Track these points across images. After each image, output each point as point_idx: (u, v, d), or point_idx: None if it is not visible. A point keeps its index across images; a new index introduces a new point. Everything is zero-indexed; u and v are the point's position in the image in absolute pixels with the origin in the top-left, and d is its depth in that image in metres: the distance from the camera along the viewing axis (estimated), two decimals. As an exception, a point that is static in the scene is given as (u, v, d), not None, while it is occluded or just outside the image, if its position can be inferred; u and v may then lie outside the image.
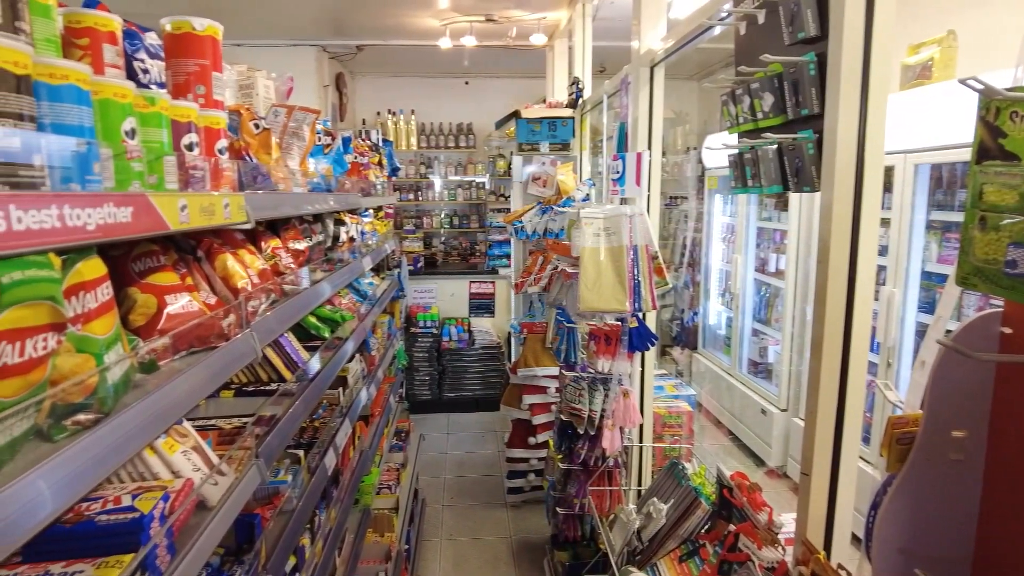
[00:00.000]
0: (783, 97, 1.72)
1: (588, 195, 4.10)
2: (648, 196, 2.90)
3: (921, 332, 3.68)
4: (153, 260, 1.21)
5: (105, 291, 0.97)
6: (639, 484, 3.13)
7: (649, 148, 2.95)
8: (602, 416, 2.78)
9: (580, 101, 4.86)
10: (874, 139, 1.48)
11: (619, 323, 2.72)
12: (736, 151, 2.04)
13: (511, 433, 4.67)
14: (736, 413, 5.65)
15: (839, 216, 1.52)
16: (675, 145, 7.68)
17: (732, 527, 2.00)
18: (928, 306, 3.66)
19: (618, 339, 2.70)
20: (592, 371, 2.82)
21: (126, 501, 1.05)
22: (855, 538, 1.64)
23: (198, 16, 1.40)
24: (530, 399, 4.41)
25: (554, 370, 4.22)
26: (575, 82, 4.91)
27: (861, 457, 3.78)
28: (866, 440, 3.89)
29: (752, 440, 5.32)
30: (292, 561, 1.83)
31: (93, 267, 0.95)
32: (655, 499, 2.45)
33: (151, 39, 1.26)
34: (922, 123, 3.36)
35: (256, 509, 1.66)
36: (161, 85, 1.26)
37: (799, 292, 4.85)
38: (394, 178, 5.44)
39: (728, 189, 6.04)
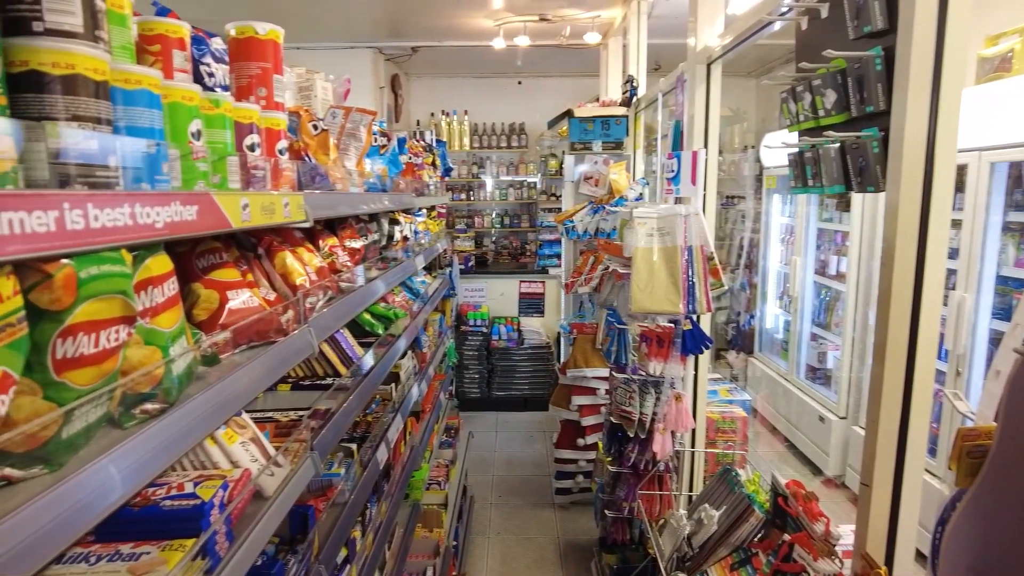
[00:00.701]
0: (846, 94, 1.66)
1: (641, 194, 4.05)
2: (704, 195, 2.85)
3: (995, 340, 3.48)
4: (216, 257, 1.26)
5: (171, 286, 1.02)
6: (690, 489, 3.07)
7: (705, 146, 2.89)
8: (653, 419, 2.74)
9: (634, 99, 4.80)
10: (945, 136, 1.41)
11: (672, 325, 2.68)
12: (796, 150, 1.98)
13: (560, 433, 4.66)
14: (792, 420, 5.48)
15: (906, 217, 1.45)
16: (732, 143, 7.52)
17: (787, 537, 1.94)
18: (1003, 312, 3.46)
19: (671, 341, 2.66)
20: (643, 373, 2.78)
21: (188, 488, 1.10)
22: (920, 555, 1.57)
23: (260, 21, 1.45)
24: (579, 400, 4.39)
25: (604, 371, 4.19)
26: (629, 80, 4.86)
27: (927, 470, 3.61)
28: (932, 452, 3.71)
29: (809, 448, 5.15)
30: (343, 553, 1.87)
31: (161, 263, 0.99)
32: (707, 505, 2.41)
33: (216, 44, 1.31)
34: (1000, 119, 3.18)
35: (310, 500, 1.71)
36: (225, 88, 1.31)
37: (861, 296, 4.67)
38: (447, 178, 5.51)
39: (787, 189, 5.85)
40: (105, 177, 0.83)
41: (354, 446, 2.08)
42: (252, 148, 1.37)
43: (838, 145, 1.70)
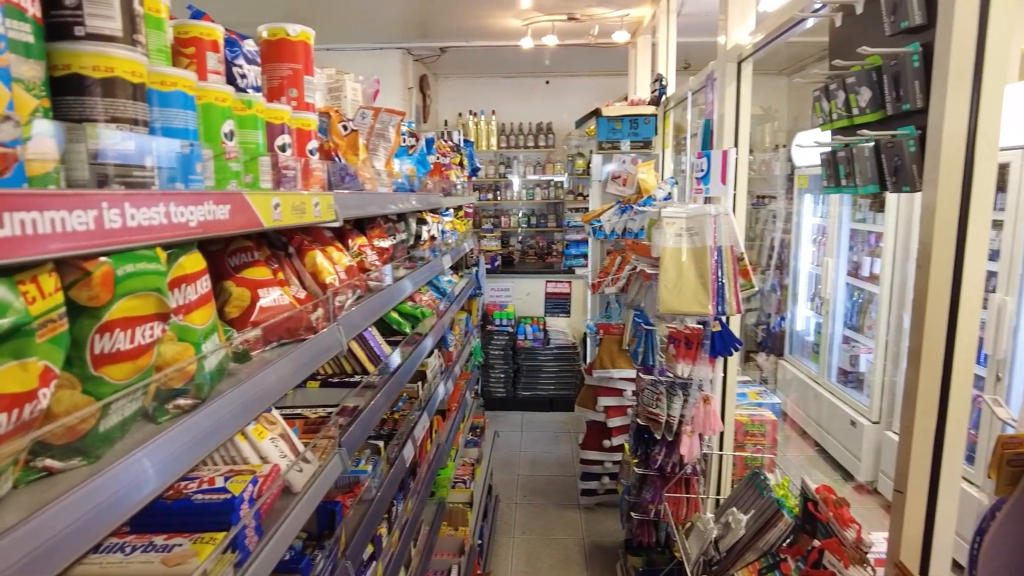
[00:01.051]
0: (882, 91, 1.62)
1: (670, 194, 4.01)
2: (734, 195, 2.81)
3: (1037, 344, 3.38)
4: (248, 255, 1.28)
5: (204, 284, 1.04)
6: (718, 493, 3.04)
7: (736, 146, 2.85)
8: (681, 422, 2.72)
9: (663, 98, 4.76)
10: (986, 134, 1.37)
11: (700, 326, 2.65)
12: (829, 149, 1.94)
13: (585, 435, 4.64)
14: (823, 424, 5.38)
15: (943, 218, 1.41)
16: (763, 143, 7.41)
17: (817, 543, 1.91)
18: (1046, 317, 3.36)
19: (699, 343, 2.63)
20: (671, 375, 2.75)
21: (219, 482, 1.12)
22: (956, 565, 1.53)
23: (291, 23, 1.47)
24: (605, 401, 4.36)
25: (631, 373, 4.16)
26: (658, 79, 4.82)
27: (964, 478, 3.52)
28: (970, 459, 3.61)
29: (840, 453, 5.05)
30: (370, 549, 1.89)
31: (194, 261, 1.01)
32: (734, 509, 2.37)
33: (249, 46, 1.33)
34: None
35: (337, 497, 1.73)
36: (257, 89, 1.33)
37: (895, 298, 4.56)
38: (474, 178, 5.53)
39: (819, 189, 5.75)
40: (141, 177, 0.85)
41: (381, 443, 2.09)
42: (283, 148, 1.39)
43: (872, 144, 1.67)
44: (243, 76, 1.29)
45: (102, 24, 0.82)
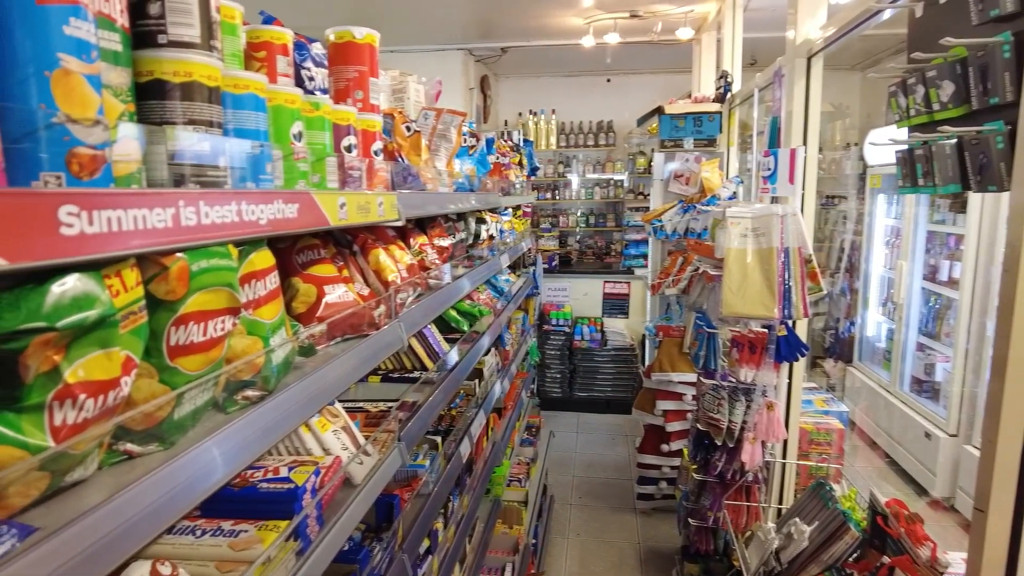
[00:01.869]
0: (966, 85, 1.53)
1: (735, 193, 3.90)
2: (802, 195, 2.71)
3: None
4: (314, 253, 1.32)
5: (273, 280, 1.07)
6: (780, 502, 2.94)
7: (804, 144, 2.75)
8: (742, 428, 2.64)
9: (728, 95, 4.64)
10: (1084, 130, 1.28)
11: (765, 330, 2.57)
12: (905, 147, 1.84)
13: (643, 438, 4.58)
14: (895, 435, 5.13)
15: (1034, 219, 1.32)
16: (833, 141, 7.12)
17: (886, 559, 1.82)
18: None
19: (764, 347, 2.55)
20: (733, 380, 2.68)
21: (283, 472, 1.16)
22: (1042, 589, 1.43)
23: (357, 25, 1.50)
24: (664, 405, 4.29)
25: (691, 376, 4.07)
26: (723, 76, 4.70)
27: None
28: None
29: (913, 466, 4.81)
30: (426, 543, 1.92)
31: (264, 258, 1.05)
32: (797, 519, 2.29)
33: (316, 49, 1.37)
34: None
35: (395, 490, 1.76)
36: (324, 91, 1.37)
37: (977, 304, 4.31)
38: (532, 177, 5.53)
39: (894, 188, 5.49)
40: (215, 177, 0.89)
41: (439, 439, 2.12)
42: (349, 149, 1.43)
43: (955, 141, 1.57)
44: (311, 79, 1.33)
45: (182, 32, 0.86)
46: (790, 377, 2.85)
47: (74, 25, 0.66)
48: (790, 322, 2.57)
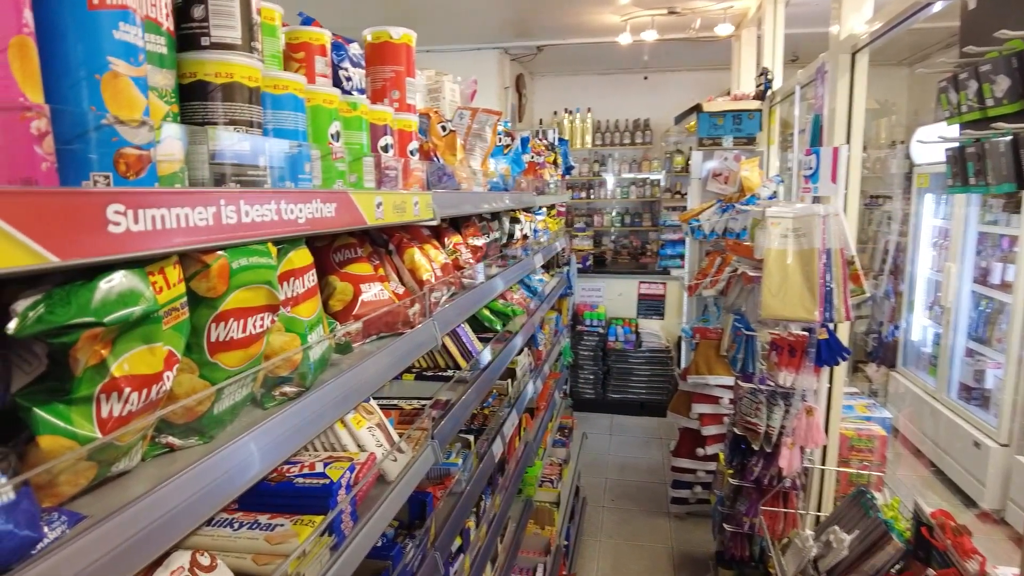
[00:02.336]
0: (1023, 79, 1.47)
1: (775, 193, 3.83)
2: (845, 194, 2.64)
3: None
4: (351, 252, 1.34)
5: (311, 278, 1.09)
6: (818, 509, 2.88)
7: (848, 142, 2.68)
8: (781, 433, 2.59)
9: (769, 92, 4.56)
10: None
11: (806, 333, 2.51)
12: (956, 145, 1.78)
13: (678, 442, 4.52)
14: (941, 443, 4.97)
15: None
16: (878, 139, 6.92)
17: (931, 572, 1.77)
18: None
19: (804, 351, 2.49)
20: (772, 384, 2.63)
21: (319, 468, 1.18)
22: (1099, 608, 1.37)
23: (393, 25, 1.52)
24: (700, 408, 4.23)
25: (728, 379, 4.00)
26: (763, 73, 4.61)
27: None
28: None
29: (960, 476, 4.65)
30: (458, 542, 1.93)
31: (302, 256, 1.06)
32: (837, 528, 2.24)
33: (354, 49, 1.39)
34: None
35: (428, 488, 1.77)
36: (361, 91, 1.39)
37: (1032, 309, 4.14)
38: (567, 176, 5.50)
39: (942, 188, 5.32)
40: (255, 176, 0.91)
41: (471, 438, 2.13)
42: (386, 149, 1.44)
43: (1010, 138, 1.52)
44: (348, 79, 1.34)
45: (224, 34, 0.88)
46: (830, 381, 2.78)
47: (123, 29, 0.68)
48: (831, 325, 2.51)
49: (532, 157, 3.54)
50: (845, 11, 2.70)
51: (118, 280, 0.63)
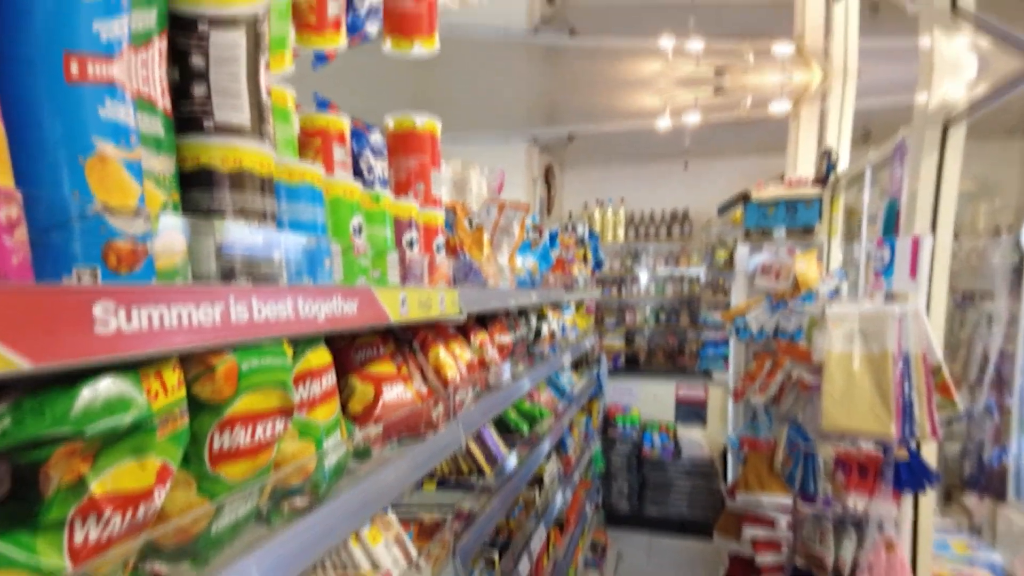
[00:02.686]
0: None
1: (837, 289, 3.74)
2: (928, 291, 2.47)
3: None
4: (374, 350, 1.32)
5: (329, 379, 1.06)
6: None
7: (933, 231, 2.52)
8: (854, 569, 2.39)
9: (832, 176, 4.39)
10: None
11: (880, 451, 2.36)
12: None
13: (727, 571, 4.25)
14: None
15: None
16: (975, 225, 6.48)
17: None
18: None
19: (878, 471, 2.33)
20: (840, 509, 2.45)
21: (325, 596, 1.10)
22: None
23: (416, 110, 1.54)
24: (752, 531, 3.99)
25: (786, 499, 3.80)
26: (826, 154, 4.46)
27: None
28: None
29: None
30: None
31: (320, 356, 1.04)
32: None
33: (375, 137, 1.41)
34: None
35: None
36: (384, 183, 1.40)
37: None
38: (597, 272, 5.49)
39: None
40: (269, 271, 0.88)
41: (495, 554, 2.04)
42: (410, 244, 1.44)
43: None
44: (370, 169, 1.36)
45: (230, 115, 0.85)
46: (915, 511, 2.56)
47: (110, 107, 0.65)
48: (913, 443, 2.35)
49: (560, 253, 3.56)
50: (937, 75, 2.45)
51: (105, 385, 0.60)
